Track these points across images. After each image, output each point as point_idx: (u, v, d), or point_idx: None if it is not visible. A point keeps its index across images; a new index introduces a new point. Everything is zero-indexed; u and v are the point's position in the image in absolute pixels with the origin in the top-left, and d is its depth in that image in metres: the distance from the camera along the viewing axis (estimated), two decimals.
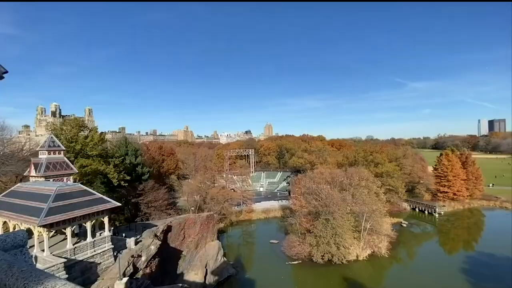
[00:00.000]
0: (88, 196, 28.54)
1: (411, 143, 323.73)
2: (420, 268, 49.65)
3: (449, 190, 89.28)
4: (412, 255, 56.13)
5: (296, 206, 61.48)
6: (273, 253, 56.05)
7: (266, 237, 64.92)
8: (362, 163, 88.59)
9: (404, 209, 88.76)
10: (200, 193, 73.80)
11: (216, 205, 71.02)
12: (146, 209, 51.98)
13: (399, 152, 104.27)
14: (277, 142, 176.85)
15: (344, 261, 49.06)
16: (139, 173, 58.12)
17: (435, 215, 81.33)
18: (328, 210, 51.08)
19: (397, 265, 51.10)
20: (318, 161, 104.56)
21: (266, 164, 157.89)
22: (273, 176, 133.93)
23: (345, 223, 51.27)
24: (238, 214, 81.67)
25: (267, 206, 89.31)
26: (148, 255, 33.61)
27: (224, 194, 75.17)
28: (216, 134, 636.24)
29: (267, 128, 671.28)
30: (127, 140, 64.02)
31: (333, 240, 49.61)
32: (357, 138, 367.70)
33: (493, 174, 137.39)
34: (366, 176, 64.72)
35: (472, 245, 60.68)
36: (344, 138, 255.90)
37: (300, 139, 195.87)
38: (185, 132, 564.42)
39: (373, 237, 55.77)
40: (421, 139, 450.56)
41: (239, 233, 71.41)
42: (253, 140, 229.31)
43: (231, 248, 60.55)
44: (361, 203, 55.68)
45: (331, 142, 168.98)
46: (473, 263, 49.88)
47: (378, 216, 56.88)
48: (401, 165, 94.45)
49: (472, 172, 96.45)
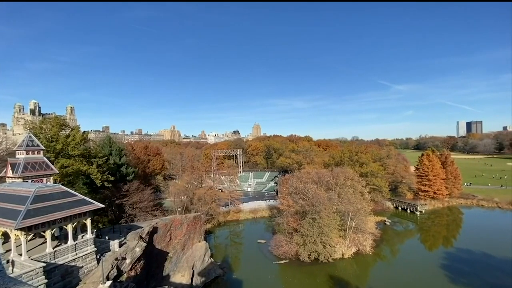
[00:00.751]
0: (69, 197, 27.52)
1: (394, 143, 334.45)
2: (402, 265, 51.34)
3: (429, 189, 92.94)
4: (395, 252, 57.84)
5: (283, 205, 61.97)
6: (261, 253, 56.21)
7: (253, 237, 65.02)
8: (347, 163, 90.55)
9: (388, 208, 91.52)
10: (187, 194, 72.91)
11: (203, 205, 70.39)
12: (131, 211, 50.74)
13: (383, 153, 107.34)
14: (265, 142, 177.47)
15: (330, 259, 49.97)
16: (124, 173, 56.70)
17: (416, 213, 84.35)
18: (314, 209, 51.81)
19: (381, 262, 52.53)
20: (305, 161, 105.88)
21: (254, 164, 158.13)
22: (261, 176, 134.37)
23: (331, 222, 52.20)
24: (225, 215, 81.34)
25: (255, 206, 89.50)
26: (133, 257, 32.85)
27: (212, 194, 74.60)
28: (204, 134, 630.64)
29: (255, 128, 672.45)
30: (111, 139, 62.22)
31: (319, 239, 50.38)
32: (343, 138, 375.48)
33: (470, 173, 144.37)
34: (352, 176, 66.19)
35: (451, 242, 63.32)
36: (330, 139, 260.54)
37: (288, 139, 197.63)
38: (172, 131, 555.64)
39: (358, 235, 57.14)
40: (403, 140, 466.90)
41: (226, 234, 71.12)
42: (241, 140, 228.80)
43: (219, 248, 60.22)
44: (346, 202, 56.85)
45: (318, 143, 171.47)
46: (452, 259, 52.12)
47: (362, 215, 58.32)
48: (384, 165, 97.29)
49: (451, 172, 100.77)
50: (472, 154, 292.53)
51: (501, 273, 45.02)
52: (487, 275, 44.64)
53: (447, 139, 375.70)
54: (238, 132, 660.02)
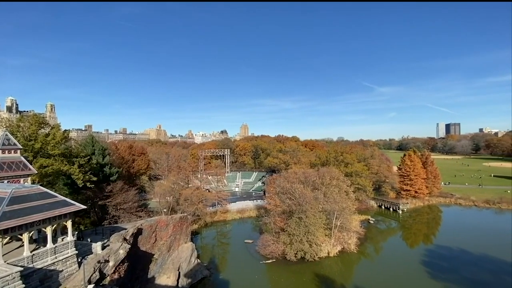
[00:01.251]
0: (49, 198, 26.42)
1: (378, 144, 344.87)
2: (385, 262, 52.94)
3: (411, 188, 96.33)
4: (378, 250, 59.49)
5: (270, 205, 62.27)
6: (248, 252, 56.24)
7: (241, 237, 64.94)
8: (333, 163, 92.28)
9: (372, 207, 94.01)
10: (173, 194, 71.75)
11: (190, 206, 69.50)
12: (114, 212, 49.34)
13: (367, 153, 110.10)
14: (253, 142, 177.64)
15: (316, 258, 50.74)
16: (107, 173, 55.08)
17: (399, 212, 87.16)
18: (301, 208, 52.44)
19: (365, 260, 53.86)
20: (292, 161, 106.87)
21: (242, 164, 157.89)
22: (249, 176, 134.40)
23: (317, 221, 53.03)
24: (212, 215, 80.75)
25: (242, 206, 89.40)
26: (117, 260, 31.99)
27: (199, 194, 73.77)
28: (191, 133, 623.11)
29: (243, 128, 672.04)
30: (94, 138, 60.24)
31: (305, 238, 51.04)
32: (329, 139, 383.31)
33: (449, 173, 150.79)
34: (337, 176, 67.50)
35: (431, 239, 65.87)
36: (317, 139, 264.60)
37: (275, 139, 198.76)
38: (158, 131, 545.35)
39: (343, 234, 58.35)
40: (387, 141, 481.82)
41: (213, 234, 70.63)
42: (229, 140, 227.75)
43: (205, 249, 59.71)
44: (332, 202, 57.90)
45: (305, 143, 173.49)
46: (431, 255, 54.23)
47: (347, 214, 59.62)
48: (369, 165, 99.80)
49: (431, 172, 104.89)
50: (451, 155, 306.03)
51: (477, 268, 47.37)
52: (464, 270, 46.81)
53: (428, 140, 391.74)
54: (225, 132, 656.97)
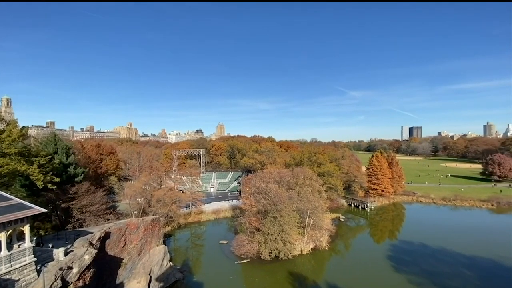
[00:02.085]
0: (2, 201, 24.13)
1: (349, 145, 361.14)
2: (354, 258, 55.49)
3: (378, 187, 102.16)
4: (348, 247, 62.18)
5: (246, 205, 62.40)
6: (223, 253, 55.82)
7: (215, 238, 64.25)
8: (307, 163, 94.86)
9: (342, 205, 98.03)
10: (145, 196, 69.00)
11: (162, 207, 67.32)
12: (79, 215, 46.30)
13: (338, 154, 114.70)
14: (229, 142, 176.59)
15: (289, 256, 51.82)
16: (72, 174, 51.46)
17: (367, 210, 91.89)
18: (276, 208, 53.25)
19: (336, 256, 56.04)
20: (268, 161, 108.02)
21: (218, 164, 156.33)
22: (224, 176, 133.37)
23: (291, 220, 54.19)
24: (186, 216, 78.95)
25: (218, 207, 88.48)
26: (81, 266, 30.05)
27: (172, 196, 71.71)
28: (164, 132, 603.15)
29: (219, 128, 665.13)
30: (57, 136, 55.89)
31: (280, 237, 51.91)
32: (303, 140, 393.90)
33: (411, 173, 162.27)
34: (310, 176, 69.54)
35: (395, 235, 70.29)
36: (291, 140, 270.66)
37: (251, 139, 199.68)
38: (129, 129, 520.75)
39: (316, 232, 60.26)
40: (356, 142, 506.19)
41: (187, 236, 69.05)
42: (204, 140, 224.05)
43: (179, 252, 58.21)
44: (305, 201, 59.52)
45: (280, 143, 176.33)
46: (395, 250, 57.95)
47: (320, 212, 61.67)
48: (340, 165, 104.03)
49: (396, 172, 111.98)
50: (413, 156, 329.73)
51: (435, 260, 51.50)
52: (423, 263, 50.63)
53: (393, 142, 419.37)
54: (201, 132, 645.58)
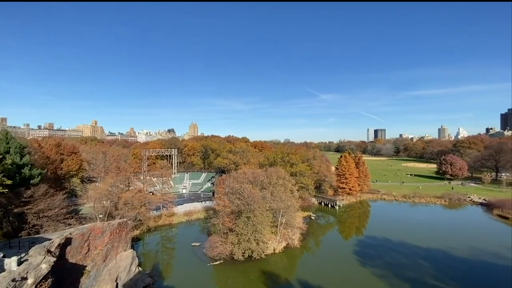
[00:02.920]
0: None
1: (319, 146, 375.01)
2: (324, 254, 57.77)
3: (346, 186, 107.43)
4: (318, 244, 64.48)
5: (219, 206, 61.86)
6: (195, 256, 54.76)
7: (188, 241, 62.81)
8: (280, 164, 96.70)
9: (313, 204, 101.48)
10: (111, 198, 65.32)
11: (130, 210, 64.20)
12: (35, 220, 42.48)
13: (310, 154, 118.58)
14: (202, 142, 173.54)
15: (263, 255, 52.40)
16: (27, 176, 46.94)
17: (336, 208, 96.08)
18: (249, 208, 53.54)
19: (307, 254, 57.79)
20: (242, 161, 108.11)
21: (191, 164, 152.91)
22: (197, 177, 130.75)
23: (265, 219, 54.86)
24: (157, 219, 76.15)
25: (190, 208, 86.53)
26: (37, 276, 27.57)
27: (141, 198, 68.65)
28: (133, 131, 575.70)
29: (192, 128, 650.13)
30: (9, 134, 50.58)
31: (253, 237, 52.27)
32: (276, 140, 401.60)
33: (376, 172, 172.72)
34: (283, 175, 70.99)
35: (361, 231, 74.37)
36: (265, 140, 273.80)
37: (226, 140, 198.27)
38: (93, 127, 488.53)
39: (288, 230, 61.64)
40: (327, 143, 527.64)
41: (157, 239, 66.59)
42: (177, 140, 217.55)
43: (148, 256, 55.92)
44: (278, 200, 60.61)
45: (254, 144, 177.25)
46: (362, 245, 61.36)
47: (292, 211, 63.18)
48: (311, 165, 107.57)
49: (363, 171, 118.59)
50: (378, 156, 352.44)
51: (396, 253, 55.42)
52: (386, 256, 54.24)
53: (360, 143, 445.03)
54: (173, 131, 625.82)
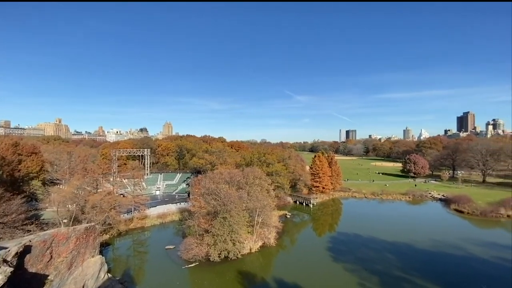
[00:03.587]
0: None
1: (295, 146, 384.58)
2: (299, 252, 59.18)
3: (320, 184, 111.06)
4: (294, 242, 65.83)
5: (195, 207, 60.77)
6: (169, 259, 53.21)
7: (161, 244, 60.81)
8: (256, 163, 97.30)
9: (289, 203, 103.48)
10: (77, 201, 61.28)
11: (99, 214, 60.70)
12: None
13: (285, 154, 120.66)
14: (177, 142, 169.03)
15: (239, 255, 52.37)
16: None
17: (310, 206, 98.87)
18: (226, 208, 53.21)
19: (283, 252, 58.76)
20: (218, 161, 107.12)
21: (164, 165, 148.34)
22: (172, 177, 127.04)
23: (241, 219, 54.85)
24: (128, 222, 72.80)
25: (164, 211, 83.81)
26: None
27: (111, 200, 65.19)
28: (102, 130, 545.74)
29: (166, 127, 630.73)
30: None
31: (229, 237, 52.05)
32: (253, 140, 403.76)
33: (348, 171, 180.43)
34: (260, 175, 71.56)
35: (334, 227, 77.33)
36: (242, 141, 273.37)
37: (202, 139, 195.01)
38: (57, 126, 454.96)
39: (264, 229, 62.26)
40: (302, 143, 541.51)
41: (129, 244, 63.65)
42: (150, 139, 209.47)
43: (119, 261, 53.27)
44: (255, 200, 60.99)
45: (231, 144, 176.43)
46: (334, 241, 63.82)
47: (268, 210, 63.90)
48: (287, 165, 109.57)
49: (335, 170, 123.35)
50: (349, 156, 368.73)
51: (366, 248, 58.39)
52: (357, 251, 56.94)
53: (333, 144, 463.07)
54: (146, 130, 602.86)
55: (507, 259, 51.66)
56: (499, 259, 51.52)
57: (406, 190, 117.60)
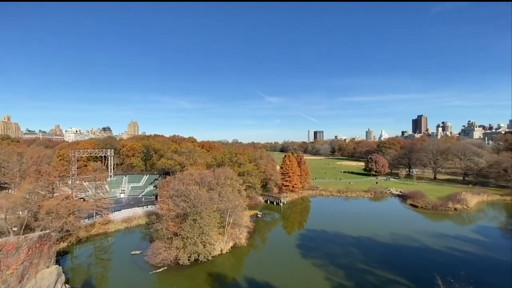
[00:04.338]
0: None
1: (266, 146, 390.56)
2: (270, 250, 60.19)
3: (289, 183, 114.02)
4: (265, 240, 66.73)
5: (163, 210, 58.71)
6: (135, 265, 50.77)
7: (126, 249, 57.75)
8: (228, 164, 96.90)
9: (260, 202, 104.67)
10: (29, 207, 55.73)
11: (55, 220, 55.77)
12: None
13: (257, 154, 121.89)
14: (144, 142, 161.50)
15: (209, 257, 51.72)
16: None
17: (280, 205, 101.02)
18: (196, 210, 52.23)
19: (254, 252, 59.22)
20: (189, 162, 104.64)
21: (130, 166, 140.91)
22: (138, 179, 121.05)
23: (212, 220, 54.28)
24: (89, 228, 67.98)
25: (129, 214, 79.59)
26: None
27: (69, 205, 60.24)
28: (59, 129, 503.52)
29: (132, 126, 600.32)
30: None
31: (200, 239, 51.18)
32: (225, 140, 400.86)
33: (316, 170, 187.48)
34: (231, 175, 71.47)
35: (303, 225, 79.91)
36: (214, 141, 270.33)
37: (170, 139, 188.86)
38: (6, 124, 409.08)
39: (235, 230, 62.25)
40: (273, 144, 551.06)
41: (90, 251, 59.45)
42: (114, 139, 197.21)
43: (79, 270, 49.52)
44: (226, 200, 60.68)
45: (202, 144, 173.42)
46: (303, 238, 66.04)
47: (239, 211, 63.96)
48: (258, 165, 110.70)
49: (304, 169, 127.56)
50: (317, 156, 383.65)
51: (332, 244, 61.32)
52: (324, 247, 59.53)
53: (302, 144, 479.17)
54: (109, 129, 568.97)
55: (455, 248, 57.87)
56: (448, 249, 57.52)
57: (368, 188, 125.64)
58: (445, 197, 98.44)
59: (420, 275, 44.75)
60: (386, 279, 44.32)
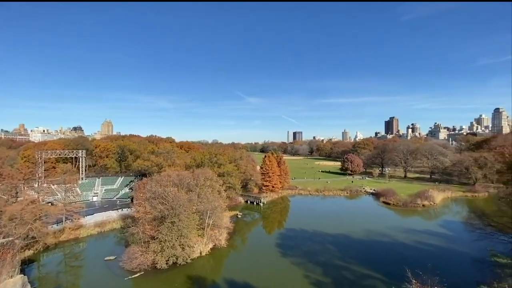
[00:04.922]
0: None
1: (246, 147, 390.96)
2: (250, 250, 60.39)
3: (269, 183, 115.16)
4: (245, 241, 66.78)
5: (139, 213, 56.75)
6: (109, 271, 48.58)
7: (100, 255, 55.06)
8: (207, 164, 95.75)
9: (240, 202, 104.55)
10: None
11: (19, 227, 51.83)
12: None
13: (237, 155, 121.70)
14: (119, 142, 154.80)
15: (188, 260, 50.77)
16: None
17: (260, 205, 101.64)
18: (174, 212, 51.09)
19: (234, 252, 59.07)
20: (166, 163, 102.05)
21: (103, 168, 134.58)
22: (112, 182, 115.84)
23: (191, 222, 53.33)
24: (58, 234, 63.99)
25: (102, 218, 75.91)
26: None
27: (35, 210, 56.25)
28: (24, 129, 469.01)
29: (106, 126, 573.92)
30: None
31: (178, 242, 50.11)
32: (204, 141, 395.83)
33: (295, 170, 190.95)
34: (211, 176, 70.72)
35: (283, 224, 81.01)
36: (193, 141, 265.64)
37: (147, 140, 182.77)
38: None
39: (215, 231, 61.66)
40: (253, 144, 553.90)
41: (59, 258, 55.95)
42: (85, 139, 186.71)
43: (46, 280, 46.42)
44: (205, 202, 59.89)
45: (180, 144, 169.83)
46: (283, 237, 66.96)
47: (219, 212, 63.39)
48: (238, 165, 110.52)
49: (283, 169, 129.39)
50: (296, 156, 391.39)
51: (311, 242, 62.75)
52: (303, 245, 60.81)
53: (282, 144, 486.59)
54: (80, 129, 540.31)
55: (423, 242, 61.79)
56: (417, 243, 61.26)
57: (344, 186, 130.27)
58: (414, 194, 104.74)
59: (391, 269, 47.20)
60: (361, 274, 46.29)
